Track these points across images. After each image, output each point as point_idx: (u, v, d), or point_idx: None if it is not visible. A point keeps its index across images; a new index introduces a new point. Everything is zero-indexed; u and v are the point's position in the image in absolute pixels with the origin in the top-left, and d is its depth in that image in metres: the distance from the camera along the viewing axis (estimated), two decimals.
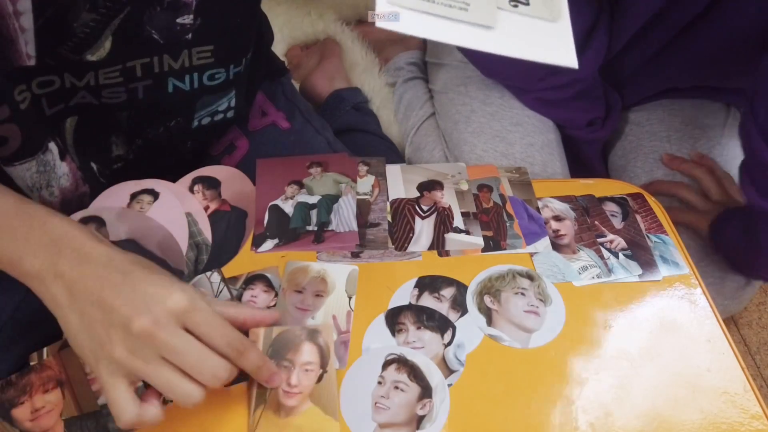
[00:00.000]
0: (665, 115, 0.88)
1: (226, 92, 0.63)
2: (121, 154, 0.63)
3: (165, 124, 0.62)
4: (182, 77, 0.57)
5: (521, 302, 0.56)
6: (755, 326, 1.24)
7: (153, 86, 0.56)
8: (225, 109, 0.65)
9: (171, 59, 0.54)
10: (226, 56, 0.59)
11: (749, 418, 0.50)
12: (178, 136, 0.64)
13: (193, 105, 0.61)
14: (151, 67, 0.54)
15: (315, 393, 0.49)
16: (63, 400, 0.49)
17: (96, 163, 0.61)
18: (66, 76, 0.51)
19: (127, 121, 0.59)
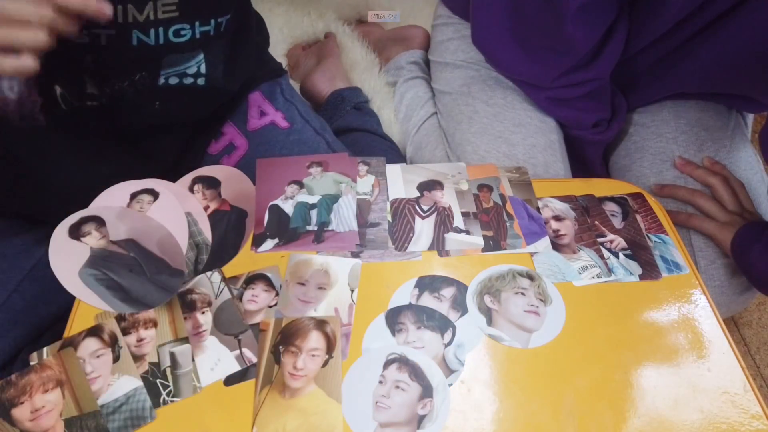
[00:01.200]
0: (670, 116, 0.88)
1: (193, 53, 0.63)
2: (95, 93, 0.62)
3: (130, 77, 0.61)
4: (147, 31, 0.57)
5: (521, 302, 0.56)
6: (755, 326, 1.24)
7: (116, 37, 0.56)
8: (194, 73, 0.64)
9: (135, 10, 0.55)
10: (192, 11, 0.59)
11: (749, 418, 0.50)
12: (145, 93, 0.64)
13: (158, 61, 0.61)
14: (114, 18, 0.54)
15: (320, 377, 0.49)
16: (63, 400, 0.49)
17: (61, 87, 0.61)
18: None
19: (93, 65, 0.59)
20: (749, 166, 0.85)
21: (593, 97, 0.85)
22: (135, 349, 0.52)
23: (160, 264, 0.55)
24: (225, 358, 0.52)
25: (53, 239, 0.54)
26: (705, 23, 0.74)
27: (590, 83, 0.82)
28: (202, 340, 0.53)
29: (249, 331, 0.54)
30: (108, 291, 0.54)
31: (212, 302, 0.56)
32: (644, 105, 0.91)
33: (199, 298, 0.56)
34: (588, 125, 0.87)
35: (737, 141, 0.87)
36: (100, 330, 0.53)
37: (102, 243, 0.56)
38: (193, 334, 0.53)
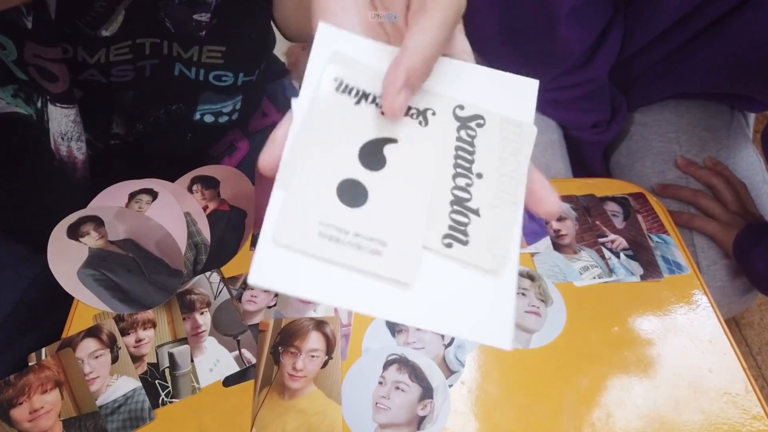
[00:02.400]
0: (672, 116, 0.88)
1: (233, 96, 0.63)
2: (121, 133, 0.63)
3: (167, 106, 0.62)
4: (189, 67, 0.57)
5: (522, 302, 0.56)
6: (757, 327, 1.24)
7: (160, 66, 0.56)
8: (230, 111, 0.65)
9: (180, 49, 0.55)
10: (236, 62, 0.59)
11: (750, 419, 0.49)
12: (180, 124, 0.64)
13: (196, 95, 0.61)
14: (160, 48, 0.54)
15: (319, 377, 0.49)
16: (61, 400, 0.49)
17: (89, 134, 0.61)
18: (79, 50, 0.52)
19: (132, 100, 0.59)
20: (751, 167, 0.85)
21: (591, 98, 0.84)
22: (134, 349, 0.52)
23: (158, 264, 0.55)
24: (224, 358, 0.52)
25: (52, 240, 0.54)
26: (706, 23, 0.73)
27: (588, 84, 0.82)
28: (201, 341, 0.53)
29: (248, 332, 0.53)
30: (106, 291, 0.54)
31: (211, 303, 0.56)
32: (645, 105, 0.91)
33: (198, 298, 0.56)
34: (587, 126, 0.87)
35: (739, 141, 0.87)
36: (98, 331, 0.53)
37: (100, 243, 0.55)
38: (192, 335, 0.53)
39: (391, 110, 0.28)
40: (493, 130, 0.30)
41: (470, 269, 0.28)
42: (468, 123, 0.30)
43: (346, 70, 0.30)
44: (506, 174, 0.30)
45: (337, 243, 0.27)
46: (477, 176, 0.29)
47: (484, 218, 0.29)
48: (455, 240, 0.28)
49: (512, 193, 0.29)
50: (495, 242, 0.28)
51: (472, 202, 0.29)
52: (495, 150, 0.30)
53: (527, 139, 0.30)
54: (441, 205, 0.29)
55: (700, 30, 0.75)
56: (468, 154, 0.30)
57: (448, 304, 0.27)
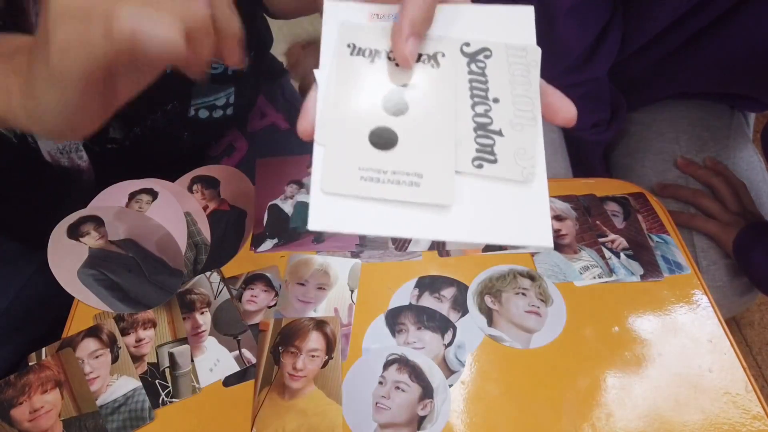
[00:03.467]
0: (672, 116, 0.88)
1: (224, 86, 0.63)
2: (118, 137, 0.62)
3: (162, 108, 0.62)
4: None
5: (522, 302, 0.56)
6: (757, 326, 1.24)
7: None
8: (223, 104, 0.65)
9: None
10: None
11: (751, 419, 0.49)
12: (176, 123, 0.64)
13: (189, 89, 0.61)
14: None
15: (319, 377, 0.49)
16: (62, 400, 0.49)
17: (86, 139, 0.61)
18: None
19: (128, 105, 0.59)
20: (751, 166, 0.85)
21: (591, 97, 0.84)
22: (134, 349, 0.52)
23: (158, 264, 0.55)
24: (224, 358, 0.52)
25: (52, 239, 0.54)
26: (705, 23, 0.73)
27: (587, 84, 0.82)
28: (201, 341, 0.53)
29: (248, 332, 0.53)
30: (106, 291, 0.54)
31: (211, 302, 0.56)
32: (646, 104, 0.91)
33: (198, 298, 0.56)
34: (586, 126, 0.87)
35: (739, 141, 0.87)
36: (98, 330, 0.53)
37: (100, 243, 0.55)
38: (192, 335, 0.53)
39: (403, 58, 0.31)
40: (501, 58, 0.33)
41: (503, 183, 0.31)
42: (476, 57, 0.33)
43: (356, 35, 0.33)
44: (520, 94, 0.33)
45: (378, 182, 0.30)
46: (494, 101, 0.32)
47: (507, 137, 0.32)
48: (484, 161, 0.31)
49: (529, 109, 0.32)
50: (521, 155, 0.31)
51: (494, 125, 0.32)
52: (505, 75, 0.33)
53: (533, 58, 0.33)
54: (466, 133, 0.31)
55: (699, 30, 0.75)
56: (482, 83, 0.33)
57: (488, 217, 0.30)
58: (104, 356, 0.52)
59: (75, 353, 0.51)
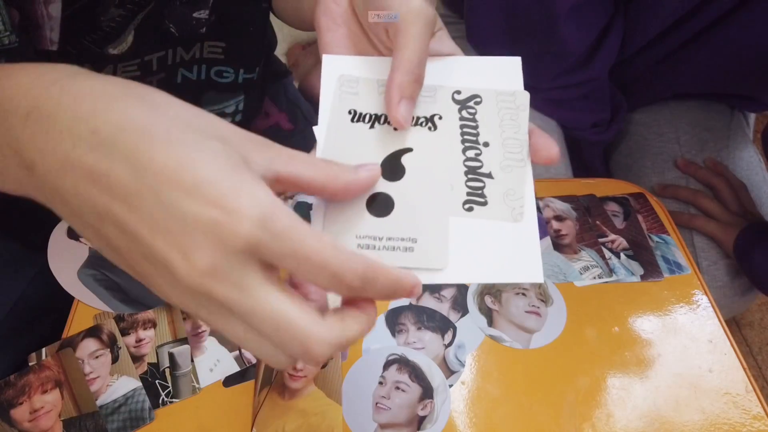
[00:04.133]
0: (672, 116, 0.88)
1: (234, 95, 0.63)
2: None
3: None
4: (191, 67, 0.57)
5: (522, 302, 0.56)
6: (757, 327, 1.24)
7: (165, 79, 0.56)
8: (233, 112, 0.65)
9: (183, 51, 0.55)
10: (237, 58, 0.59)
11: (751, 419, 0.49)
12: None
13: (199, 98, 0.61)
14: (165, 60, 0.54)
15: (319, 377, 0.49)
16: (62, 400, 0.49)
17: None
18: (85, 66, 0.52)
19: None
20: (751, 167, 0.85)
21: (591, 97, 0.84)
22: (134, 349, 0.52)
23: None
24: (224, 358, 0.52)
25: (52, 239, 0.54)
26: (705, 23, 0.73)
27: (587, 84, 0.82)
28: (201, 341, 0.53)
29: None
30: (106, 291, 0.54)
31: None
32: (646, 105, 0.91)
33: None
34: (587, 126, 0.87)
35: (739, 141, 0.87)
36: (98, 330, 0.53)
37: None
38: (192, 335, 0.53)
39: (397, 122, 0.32)
40: (490, 103, 0.35)
41: (494, 223, 0.32)
42: (467, 103, 0.34)
43: (353, 91, 0.34)
44: (510, 137, 0.34)
45: (374, 249, 0.31)
46: (484, 145, 0.33)
47: (497, 179, 0.33)
48: (475, 203, 0.32)
49: (518, 151, 0.33)
50: (510, 196, 0.32)
51: (484, 168, 0.33)
52: (495, 119, 0.34)
53: (522, 102, 0.35)
54: (457, 178, 0.33)
55: (699, 30, 0.75)
56: (472, 128, 0.34)
57: (480, 258, 0.31)
58: (104, 356, 0.52)
59: (75, 353, 0.51)
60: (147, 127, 0.24)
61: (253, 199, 0.23)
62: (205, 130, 0.26)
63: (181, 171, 0.23)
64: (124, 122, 0.24)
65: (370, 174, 0.30)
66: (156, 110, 0.26)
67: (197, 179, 0.23)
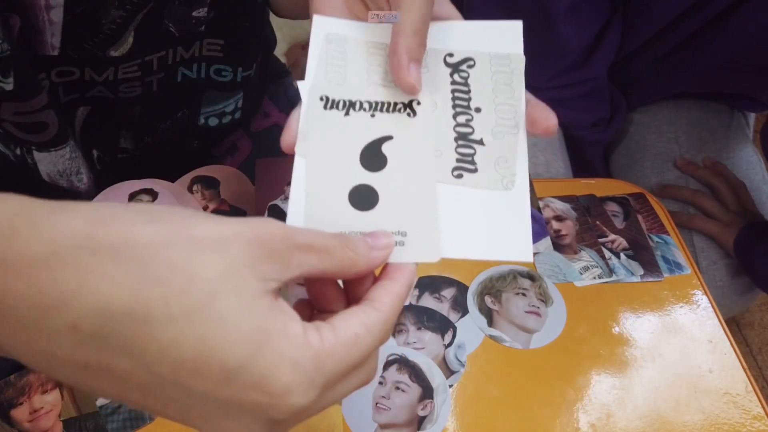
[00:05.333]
0: (671, 116, 0.88)
1: (233, 93, 0.63)
2: (128, 147, 0.63)
3: (172, 116, 0.62)
4: (190, 66, 0.57)
5: (522, 303, 0.56)
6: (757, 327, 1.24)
7: (165, 78, 0.56)
8: (232, 110, 0.65)
9: (183, 50, 0.55)
10: (235, 56, 0.59)
11: (751, 419, 0.49)
12: (185, 132, 0.64)
13: (199, 96, 0.61)
14: (165, 60, 0.55)
15: None
16: (62, 400, 0.49)
17: (97, 150, 0.61)
18: (86, 70, 0.52)
19: (140, 115, 0.59)
20: (750, 166, 0.85)
21: (590, 97, 0.84)
22: None
23: None
24: None
25: None
26: (703, 23, 0.74)
27: (586, 83, 0.82)
28: None
29: None
30: None
31: None
32: (645, 104, 0.91)
33: None
34: (586, 125, 0.87)
35: (738, 141, 0.87)
36: None
37: None
38: None
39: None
40: (484, 67, 0.33)
41: (483, 193, 0.30)
42: (459, 66, 0.33)
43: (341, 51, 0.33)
44: (503, 103, 0.32)
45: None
46: (476, 111, 0.32)
47: (488, 146, 0.31)
48: (464, 170, 0.31)
49: (511, 117, 0.32)
50: (501, 164, 0.31)
51: (474, 134, 0.31)
52: (488, 84, 0.32)
53: (517, 67, 0.33)
54: (447, 144, 0.31)
55: (698, 29, 0.75)
56: (464, 93, 0.32)
57: (468, 231, 0.30)
58: None
59: None
60: (135, 307, 0.19)
61: (294, 371, 0.21)
62: (208, 267, 0.21)
63: (203, 363, 0.20)
64: (105, 306, 0.19)
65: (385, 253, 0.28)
66: (140, 266, 0.20)
67: (226, 368, 0.20)
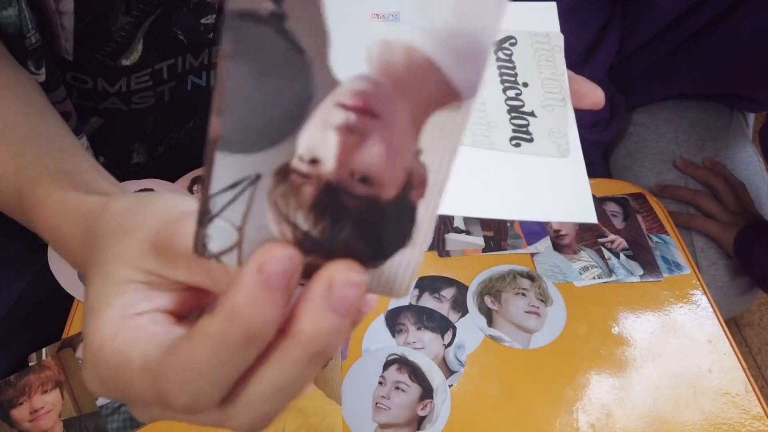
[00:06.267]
0: (671, 116, 0.88)
1: None
2: (141, 161, 0.63)
3: (185, 125, 0.62)
4: (200, 73, 0.58)
5: (522, 303, 0.56)
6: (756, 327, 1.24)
7: (175, 87, 0.56)
8: None
9: (192, 58, 0.55)
10: None
11: (750, 419, 0.49)
12: (198, 140, 0.64)
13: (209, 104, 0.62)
14: (175, 68, 0.55)
15: (319, 377, 0.49)
16: (62, 400, 0.49)
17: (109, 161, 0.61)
18: (99, 81, 0.52)
19: (153, 126, 0.59)
20: (750, 166, 0.85)
21: None
22: None
23: None
24: None
25: None
26: (703, 23, 0.74)
27: None
28: None
29: None
30: None
31: None
32: (645, 105, 0.91)
33: None
34: (586, 125, 0.87)
35: (738, 141, 0.87)
36: None
37: None
38: None
39: None
40: (525, 44, 0.35)
41: (542, 160, 0.32)
42: (502, 44, 0.35)
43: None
44: (548, 78, 0.34)
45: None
46: (523, 85, 0.34)
47: (540, 117, 0.33)
48: (521, 140, 0.32)
49: (557, 91, 0.34)
50: (555, 134, 0.33)
51: (526, 107, 0.33)
52: (532, 60, 0.34)
53: (556, 44, 0.35)
54: (501, 115, 0.33)
55: (697, 29, 0.75)
56: (510, 69, 0.34)
57: (532, 195, 0.31)
58: None
59: (75, 353, 0.51)
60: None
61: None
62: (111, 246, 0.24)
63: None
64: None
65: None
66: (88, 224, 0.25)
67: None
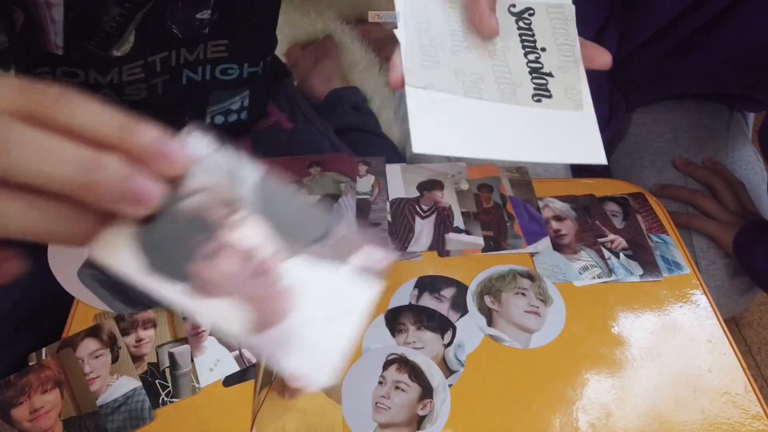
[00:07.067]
0: (671, 116, 0.88)
1: (239, 90, 0.63)
2: None
3: (180, 119, 0.62)
4: (195, 68, 0.57)
5: (522, 302, 0.56)
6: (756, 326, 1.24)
7: (170, 80, 0.56)
8: (238, 108, 0.65)
9: (187, 52, 0.55)
10: (241, 53, 0.59)
11: (750, 419, 0.49)
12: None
13: (205, 98, 0.61)
14: (168, 61, 0.54)
15: None
16: (62, 400, 0.49)
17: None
18: (90, 72, 0.52)
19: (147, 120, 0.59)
20: (749, 166, 0.85)
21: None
22: (134, 349, 0.52)
23: None
24: (224, 358, 0.52)
25: None
26: (702, 23, 0.74)
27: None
28: (201, 341, 0.53)
29: None
30: (107, 291, 0.54)
31: None
32: (644, 105, 0.91)
33: None
34: None
35: (737, 140, 0.87)
36: (99, 330, 0.53)
37: None
38: (192, 335, 0.53)
39: (492, 31, 0.37)
40: (542, 15, 0.41)
41: (560, 113, 0.38)
42: (522, 15, 0.40)
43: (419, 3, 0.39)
44: (563, 43, 0.40)
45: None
46: (542, 50, 0.40)
47: (557, 77, 0.39)
48: (542, 96, 0.38)
49: (571, 55, 0.40)
50: (570, 91, 0.39)
51: (544, 69, 0.39)
52: (548, 29, 0.40)
53: (569, 14, 0.41)
54: (524, 75, 0.39)
55: (696, 29, 0.75)
56: (530, 36, 0.40)
57: (551, 141, 0.37)
58: (104, 356, 0.52)
59: (75, 353, 0.51)
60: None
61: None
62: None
63: None
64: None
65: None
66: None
67: None
